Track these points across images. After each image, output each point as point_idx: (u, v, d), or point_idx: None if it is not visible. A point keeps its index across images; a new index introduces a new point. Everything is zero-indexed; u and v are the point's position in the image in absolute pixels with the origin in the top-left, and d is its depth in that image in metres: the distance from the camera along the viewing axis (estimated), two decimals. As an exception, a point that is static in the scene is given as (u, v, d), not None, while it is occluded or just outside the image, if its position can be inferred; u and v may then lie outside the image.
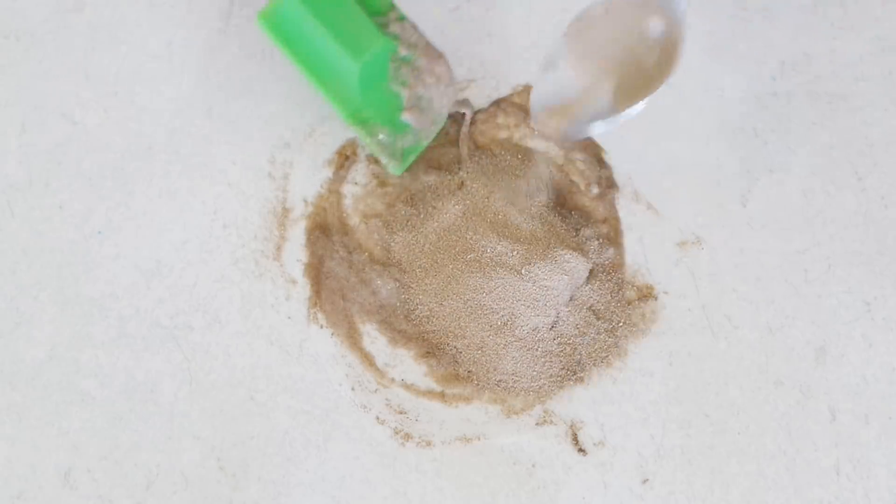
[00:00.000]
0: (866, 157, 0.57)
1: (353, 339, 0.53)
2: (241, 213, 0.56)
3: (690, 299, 0.54)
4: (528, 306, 0.52)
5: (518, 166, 0.57)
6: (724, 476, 0.50)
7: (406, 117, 0.54)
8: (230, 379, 0.52)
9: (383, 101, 0.53)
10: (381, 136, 0.53)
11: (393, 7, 0.53)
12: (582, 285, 0.54)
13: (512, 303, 0.52)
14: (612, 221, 0.56)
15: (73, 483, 0.50)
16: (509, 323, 0.52)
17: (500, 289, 0.53)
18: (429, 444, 0.51)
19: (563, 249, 0.53)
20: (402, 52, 0.52)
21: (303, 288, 0.54)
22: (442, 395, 0.52)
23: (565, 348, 0.53)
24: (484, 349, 0.53)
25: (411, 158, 0.55)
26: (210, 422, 0.51)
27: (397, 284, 0.55)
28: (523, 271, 0.53)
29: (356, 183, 0.57)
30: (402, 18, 0.53)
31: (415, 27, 0.54)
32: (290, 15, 0.49)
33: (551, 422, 0.51)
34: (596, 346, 0.53)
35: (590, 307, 0.54)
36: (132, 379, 0.52)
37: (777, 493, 0.49)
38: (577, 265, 0.53)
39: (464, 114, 0.57)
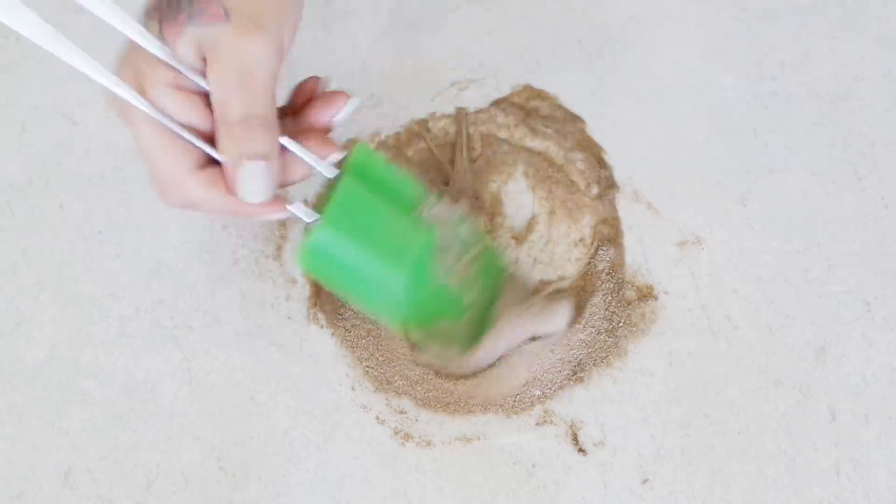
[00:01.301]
0: (866, 157, 0.57)
1: (353, 339, 0.53)
2: (241, 213, 0.56)
3: (690, 299, 0.54)
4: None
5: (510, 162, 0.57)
6: (724, 476, 0.50)
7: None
8: (230, 379, 0.52)
9: (435, 295, 0.49)
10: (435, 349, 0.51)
11: (425, 197, 0.47)
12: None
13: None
14: (612, 221, 0.56)
15: (73, 483, 0.50)
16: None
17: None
18: (429, 444, 0.51)
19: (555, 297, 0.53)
20: (441, 238, 0.47)
21: (303, 288, 0.54)
22: (442, 395, 0.52)
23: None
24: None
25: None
26: (210, 422, 0.51)
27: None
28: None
29: (356, 183, 0.57)
30: (434, 203, 0.47)
31: (445, 203, 0.48)
32: (328, 246, 0.44)
33: (551, 422, 0.51)
34: (596, 346, 0.53)
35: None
36: (132, 379, 0.52)
37: (777, 493, 0.49)
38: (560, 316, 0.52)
39: (465, 111, 0.57)
